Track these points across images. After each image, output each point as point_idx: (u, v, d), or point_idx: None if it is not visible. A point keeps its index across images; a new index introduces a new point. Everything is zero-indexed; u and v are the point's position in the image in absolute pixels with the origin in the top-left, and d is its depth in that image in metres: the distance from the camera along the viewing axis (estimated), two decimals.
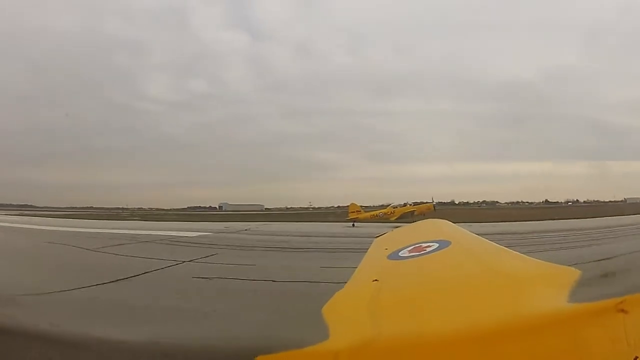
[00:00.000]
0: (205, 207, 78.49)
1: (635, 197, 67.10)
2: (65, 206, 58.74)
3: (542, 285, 1.45)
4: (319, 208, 68.87)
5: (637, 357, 0.96)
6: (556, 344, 1.04)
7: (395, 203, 33.12)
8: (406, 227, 4.15)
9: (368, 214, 32.61)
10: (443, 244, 2.37)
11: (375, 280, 1.92)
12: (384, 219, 30.19)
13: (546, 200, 73.46)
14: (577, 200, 73.95)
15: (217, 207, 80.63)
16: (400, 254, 2.45)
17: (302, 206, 72.04)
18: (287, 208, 73.85)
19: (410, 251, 2.43)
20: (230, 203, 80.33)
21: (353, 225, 29.41)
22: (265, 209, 75.15)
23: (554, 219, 27.59)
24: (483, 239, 2.55)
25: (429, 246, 2.40)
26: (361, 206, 34.03)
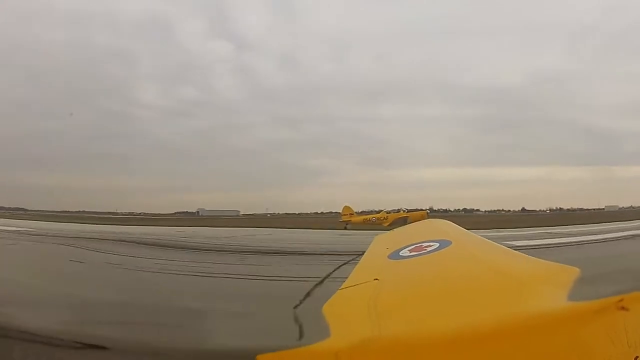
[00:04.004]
0: (192, 212, 79.65)
1: (613, 204, 68.28)
2: (59, 210, 59.41)
3: (542, 284, 1.45)
4: (276, 214, 69.59)
5: (637, 357, 0.96)
6: (556, 342, 1.04)
7: (389, 208, 32.79)
8: (406, 227, 4.16)
9: (360, 218, 32.41)
10: (444, 244, 2.37)
11: (376, 279, 1.93)
12: (376, 224, 29.84)
13: (523, 209, 74.10)
14: (560, 208, 74.67)
15: (195, 212, 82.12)
16: (400, 253, 2.45)
17: (288, 212, 73.15)
18: (266, 214, 74.87)
19: (410, 251, 2.43)
20: (207, 208, 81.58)
21: (345, 227, 29.58)
22: (243, 214, 75.70)
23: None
24: (483, 238, 2.55)
25: (429, 246, 2.40)
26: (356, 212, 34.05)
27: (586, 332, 1.06)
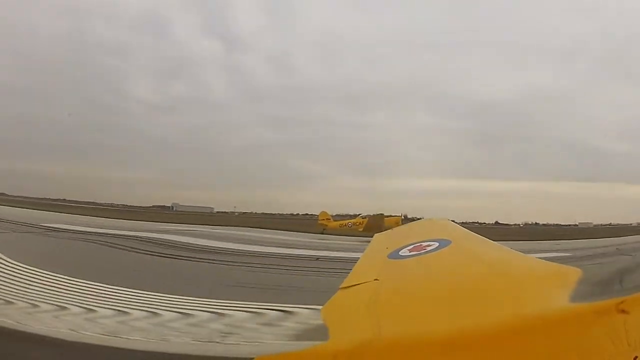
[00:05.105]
0: (167, 207, 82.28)
1: (588, 222, 70.52)
2: (39, 196, 61.00)
3: (543, 285, 1.44)
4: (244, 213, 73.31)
5: (637, 357, 0.96)
6: (556, 343, 1.04)
7: (364, 214, 32.48)
8: (406, 226, 4.14)
9: (337, 223, 32.47)
10: (443, 243, 2.35)
11: (376, 279, 1.92)
12: (352, 230, 29.83)
13: (496, 222, 76.12)
14: (536, 223, 77.37)
15: (170, 207, 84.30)
16: (400, 253, 2.44)
17: (270, 212, 75.30)
18: (234, 213, 76.99)
19: (410, 250, 2.42)
20: (181, 204, 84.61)
21: (322, 232, 29.72)
22: (216, 212, 78.97)
23: None
24: (484, 238, 2.53)
25: (429, 245, 2.38)
26: (332, 215, 34.31)
27: (586, 333, 1.06)
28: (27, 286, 6.53)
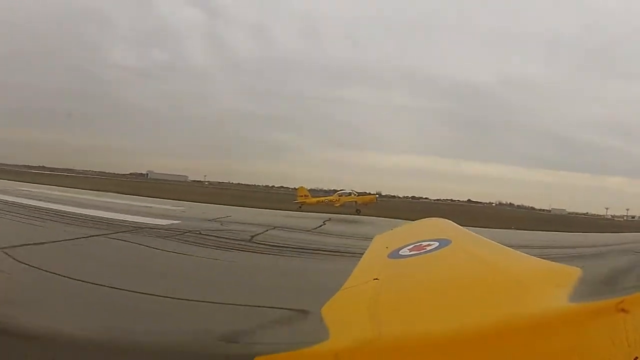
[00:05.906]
0: (142, 174, 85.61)
1: (561, 208, 73.88)
2: (20, 164, 61.90)
3: (543, 285, 1.45)
4: (219, 184, 75.15)
5: (637, 357, 0.96)
6: (556, 343, 1.04)
7: (341, 191, 33.26)
8: (406, 226, 4.14)
9: (314, 199, 33.00)
10: (443, 243, 2.36)
11: (376, 279, 1.92)
12: (329, 205, 30.94)
13: (469, 200, 78.78)
14: (511, 203, 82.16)
15: (145, 174, 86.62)
16: (400, 252, 2.45)
17: (247, 183, 77.17)
18: (204, 182, 79.79)
19: (410, 250, 2.43)
20: (156, 171, 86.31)
21: (300, 207, 30.36)
22: (192, 180, 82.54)
23: None
24: (484, 237, 2.54)
25: (429, 245, 2.39)
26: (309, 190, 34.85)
27: (586, 333, 1.06)
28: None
